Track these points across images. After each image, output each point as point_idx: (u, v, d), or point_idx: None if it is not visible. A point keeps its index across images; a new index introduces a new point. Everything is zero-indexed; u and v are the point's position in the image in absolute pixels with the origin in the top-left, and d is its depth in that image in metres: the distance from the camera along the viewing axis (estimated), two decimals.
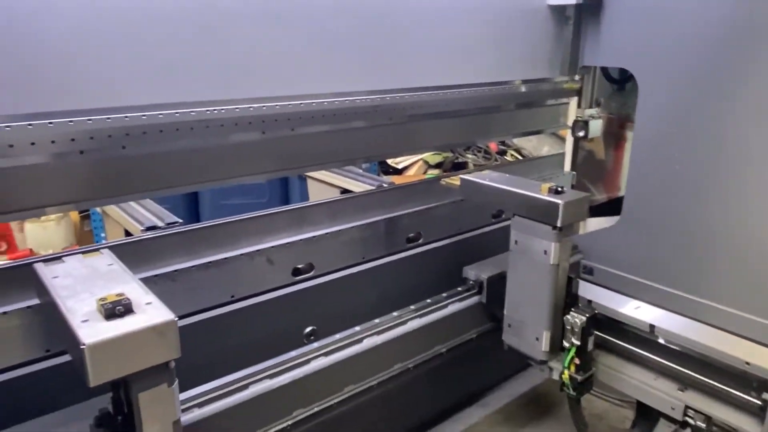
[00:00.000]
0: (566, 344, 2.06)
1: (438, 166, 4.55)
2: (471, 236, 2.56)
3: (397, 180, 3.80)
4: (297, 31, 1.81)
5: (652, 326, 1.98)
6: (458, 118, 2.40)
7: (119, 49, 1.49)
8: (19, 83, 1.36)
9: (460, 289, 2.28)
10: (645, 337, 2.03)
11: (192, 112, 1.66)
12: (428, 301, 2.17)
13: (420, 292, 2.20)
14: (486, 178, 2.17)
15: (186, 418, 1.47)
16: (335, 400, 1.85)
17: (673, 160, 2.11)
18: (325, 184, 3.00)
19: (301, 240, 2.03)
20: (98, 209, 3.09)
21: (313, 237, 2.07)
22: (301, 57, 1.84)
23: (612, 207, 2.86)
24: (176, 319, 1.15)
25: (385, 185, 2.57)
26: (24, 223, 3.71)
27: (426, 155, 4.41)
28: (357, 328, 1.95)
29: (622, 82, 2.82)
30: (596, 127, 2.78)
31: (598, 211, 2.94)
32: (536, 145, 4.65)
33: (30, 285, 1.41)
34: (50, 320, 1.41)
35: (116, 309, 1.13)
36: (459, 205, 2.48)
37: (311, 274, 2.07)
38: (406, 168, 4.37)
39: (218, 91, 1.69)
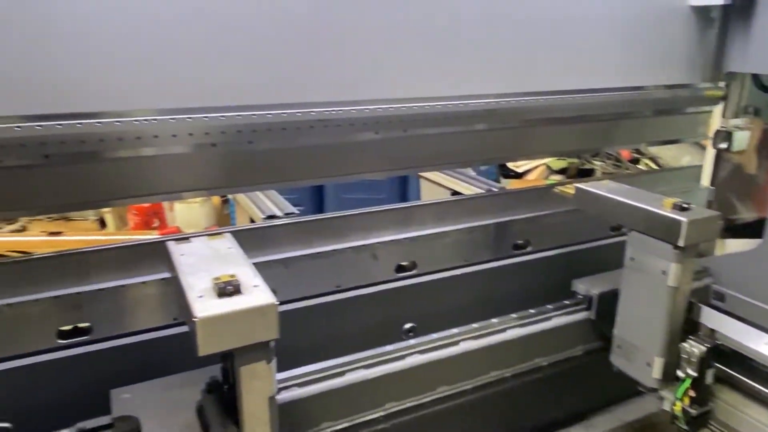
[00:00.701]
0: (681, 374, 1.90)
1: (562, 171, 4.37)
2: (584, 249, 2.45)
3: (514, 184, 3.72)
4: (414, 35, 1.84)
5: None
6: (582, 123, 2.30)
7: (249, 55, 1.63)
8: (165, 83, 1.55)
9: (567, 302, 2.19)
10: None
11: (312, 112, 1.76)
12: (531, 311, 2.11)
13: (523, 301, 2.15)
14: (603, 189, 2.06)
15: (284, 395, 1.59)
16: (428, 399, 1.86)
17: None
18: (436, 185, 3.03)
19: (406, 238, 2.09)
20: (230, 196, 3.40)
21: (419, 236, 2.11)
22: (417, 60, 1.87)
23: (758, 228, 2.57)
24: (277, 303, 1.24)
25: (495, 189, 2.55)
26: (174, 203, 4.19)
27: (549, 159, 4.25)
28: (455, 330, 1.96)
29: None
30: (742, 139, 2.50)
31: (741, 231, 2.66)
32: (675, 155, 4.29)
33: (155, 260, 1.61)
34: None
35: (227, 288, 1.25)
36: (573, 215, 2.37)
37: (414, 272, 2.12)
38: (526, 172, 4.25)
39: (336, 92, 1.78)
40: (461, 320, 2.01)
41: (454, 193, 2.71)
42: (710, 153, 2.74)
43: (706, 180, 2.77)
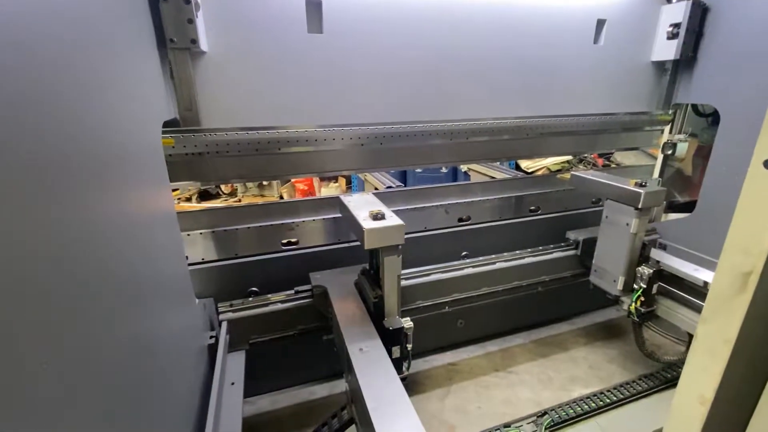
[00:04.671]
0: (636, 286, 1.96)
1: (557, 172, 4.31)
2: (574, 213, 2.46)
3: None
4: (473, 83, 1.93)
5: (705, 282, 1.79)
6: (575, 136, 2.33)
7: (382, 98, 1.80)
8: (335, 110, 1.75)
9: (562, 244, 2.25)
10: (699, 290, 1.84)
11: (416, 125, 1.91)
12: (540, 248, 2.20)
13: (534, 243, 2.23)
14: (590, 174, 2.12)
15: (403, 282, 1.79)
16: (475, 294, 2.00)
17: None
18: (480, 174, 3.10)
19: (465, 202, 2.19)
20: (361, 176, 3.57)
21: (473, 201, 2.20)
22: (476, 95, 1.99)
23: (688, 206, 2.52)
24: (404, 225, 1.45)
25: (519, 175, 2.59)
26: (321, 187, 4.50)
27: (549, 164, 4.21)
28: (493, 256, 2.08)
29: (707, 115, 2.45)
30: (682, 148, 2.45)
31: (677, 208, 2.62)
32: (634, 162, 4.13)
33: (330, 207, 1.85)
34: (344, 224, 1.82)
35: (378, 216, 1.47)
36: (568, 193, 2.41)
37: (469, 222, 2.23)
38: (534, 171, 4.23)
39: (430, 115, 1.91)
40: (497, 252, 2.11)
41: (492, 178, 2.78)
42: (660, 158, 2.69)
43: (656, 175, 2.72)
